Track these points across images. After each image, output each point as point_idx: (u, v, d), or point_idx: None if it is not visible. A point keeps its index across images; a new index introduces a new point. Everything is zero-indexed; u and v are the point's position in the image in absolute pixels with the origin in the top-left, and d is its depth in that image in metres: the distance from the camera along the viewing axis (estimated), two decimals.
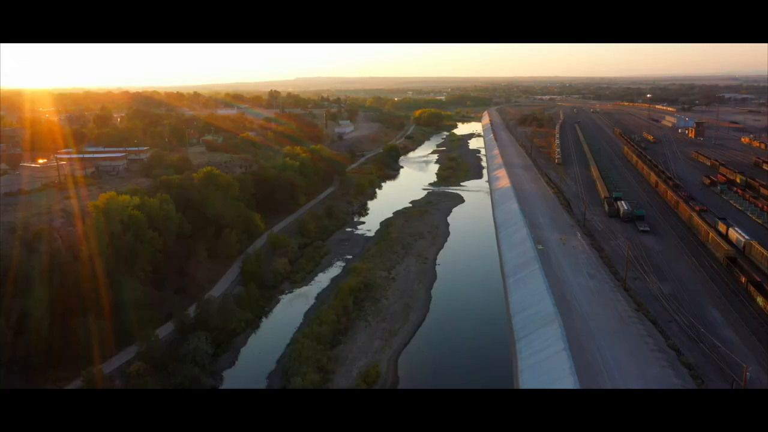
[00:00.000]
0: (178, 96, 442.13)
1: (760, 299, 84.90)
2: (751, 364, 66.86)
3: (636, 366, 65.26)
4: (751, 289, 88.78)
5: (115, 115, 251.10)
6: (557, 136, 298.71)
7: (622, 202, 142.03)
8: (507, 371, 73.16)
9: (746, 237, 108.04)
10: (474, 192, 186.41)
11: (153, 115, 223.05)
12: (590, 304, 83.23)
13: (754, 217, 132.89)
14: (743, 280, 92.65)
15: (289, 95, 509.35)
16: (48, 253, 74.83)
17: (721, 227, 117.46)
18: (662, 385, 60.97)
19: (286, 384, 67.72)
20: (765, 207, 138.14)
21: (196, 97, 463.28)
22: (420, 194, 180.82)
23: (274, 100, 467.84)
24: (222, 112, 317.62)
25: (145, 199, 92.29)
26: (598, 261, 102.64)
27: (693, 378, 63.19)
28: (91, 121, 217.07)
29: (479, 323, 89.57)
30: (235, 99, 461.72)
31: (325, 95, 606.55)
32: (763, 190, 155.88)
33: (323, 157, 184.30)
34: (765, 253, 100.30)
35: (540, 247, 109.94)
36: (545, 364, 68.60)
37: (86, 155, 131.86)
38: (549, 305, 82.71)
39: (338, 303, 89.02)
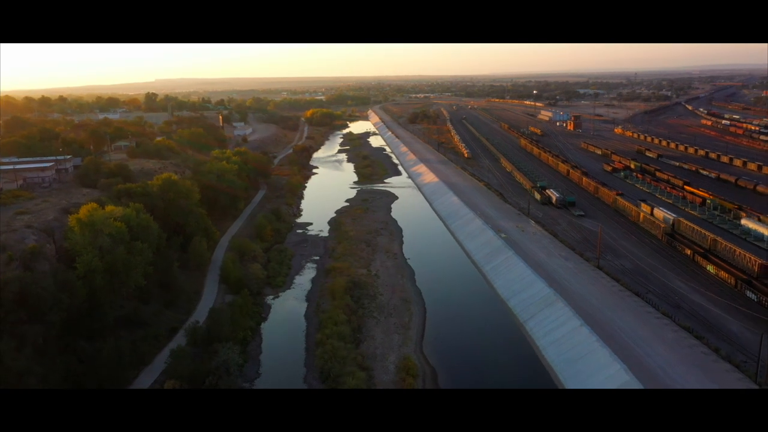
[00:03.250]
0: (44, 101, 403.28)
1: (710, 267, 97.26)
2: (732, 324, 77.18)
3: (652, 333, 72.73)
4: (699, 259, 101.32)
5: None
6: (454, 132, 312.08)
7: (551, 190, 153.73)
8: (527, 349, 77.89)
9: (673, 215, 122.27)
10: (401, 188, 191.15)
11: (45, 122, 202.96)
12: (580, 283, 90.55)
13: (663, 198, 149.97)
14: (688, 252, 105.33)
15: (168, 97, 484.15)
16: (50, 272, 67.97)
17: (645, 208, 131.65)
18: (684, 347, 68.83)
19: (334, 385, 67.38)
20: (668, 188, 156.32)
21: (63, 102, 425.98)
22: (350, 193, 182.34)
23: (152, 103, 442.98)
24: (109, 117, 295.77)
25: (125, 210, 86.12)
26: (562, 244, 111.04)
27: (697, 338, 71.66)
28: None
29: (476, 309, 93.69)
30: (109, 103, 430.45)
31: (197, 98, 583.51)
32: (659, 174, 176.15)
33: (249, 159, 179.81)
34: (694, 227, 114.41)
35: (503, 235, 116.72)
36: (568, 340, 74.15)
37: (13, 166, 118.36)
38: (543, 287, 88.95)
39: (340, 303, 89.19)
